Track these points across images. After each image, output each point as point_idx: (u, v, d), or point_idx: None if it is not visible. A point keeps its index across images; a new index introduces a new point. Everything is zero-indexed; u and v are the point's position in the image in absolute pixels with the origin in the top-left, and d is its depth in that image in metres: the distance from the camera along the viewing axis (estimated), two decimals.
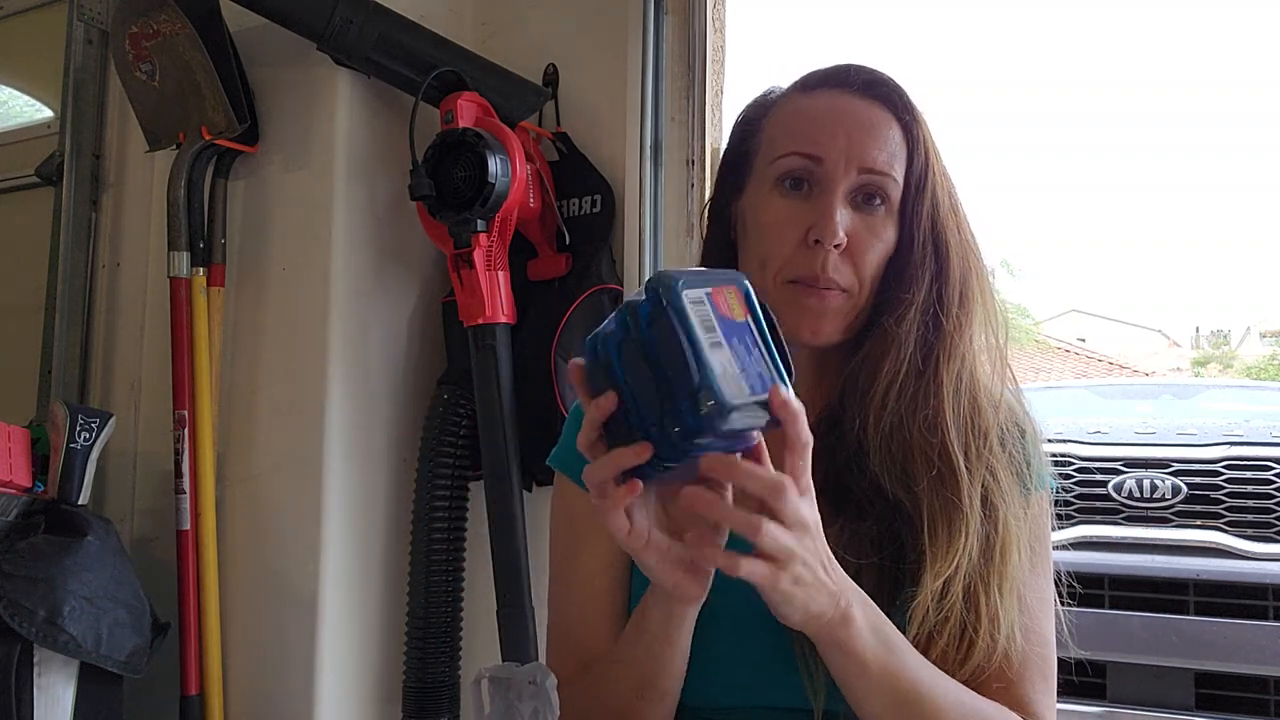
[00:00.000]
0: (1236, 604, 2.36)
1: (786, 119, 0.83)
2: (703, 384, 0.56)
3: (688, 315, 0.58)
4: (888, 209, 0.80)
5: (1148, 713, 2.37)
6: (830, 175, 0.79)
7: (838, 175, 0.79)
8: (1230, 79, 79.28)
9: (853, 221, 0.79)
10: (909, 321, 0.78)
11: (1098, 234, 50.65)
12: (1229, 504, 2.47)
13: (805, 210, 0.79)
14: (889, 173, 0.79)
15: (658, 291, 0.59)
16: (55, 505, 1.41)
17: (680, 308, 0.58)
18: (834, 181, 0.79)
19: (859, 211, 0.80)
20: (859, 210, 0.80)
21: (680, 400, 0.57)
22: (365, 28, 1.43)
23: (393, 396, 1.60)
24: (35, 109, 2.26)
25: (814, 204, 0.79)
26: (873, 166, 0.79)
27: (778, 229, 0.80)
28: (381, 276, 1.59)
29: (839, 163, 0.79)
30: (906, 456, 0.76)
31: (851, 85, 0.82)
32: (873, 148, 0.79)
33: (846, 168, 0.79)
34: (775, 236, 0.80)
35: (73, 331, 1.79)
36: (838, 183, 0.79)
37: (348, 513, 1.52)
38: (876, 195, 0.80)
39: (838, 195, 0.78)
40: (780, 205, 0.80)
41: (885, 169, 0.79)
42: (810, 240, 0.78)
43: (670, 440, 0.58)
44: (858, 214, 0.79)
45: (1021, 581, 0.76)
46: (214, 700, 1.50)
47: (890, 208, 0.80)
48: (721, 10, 1.64)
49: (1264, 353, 16.55)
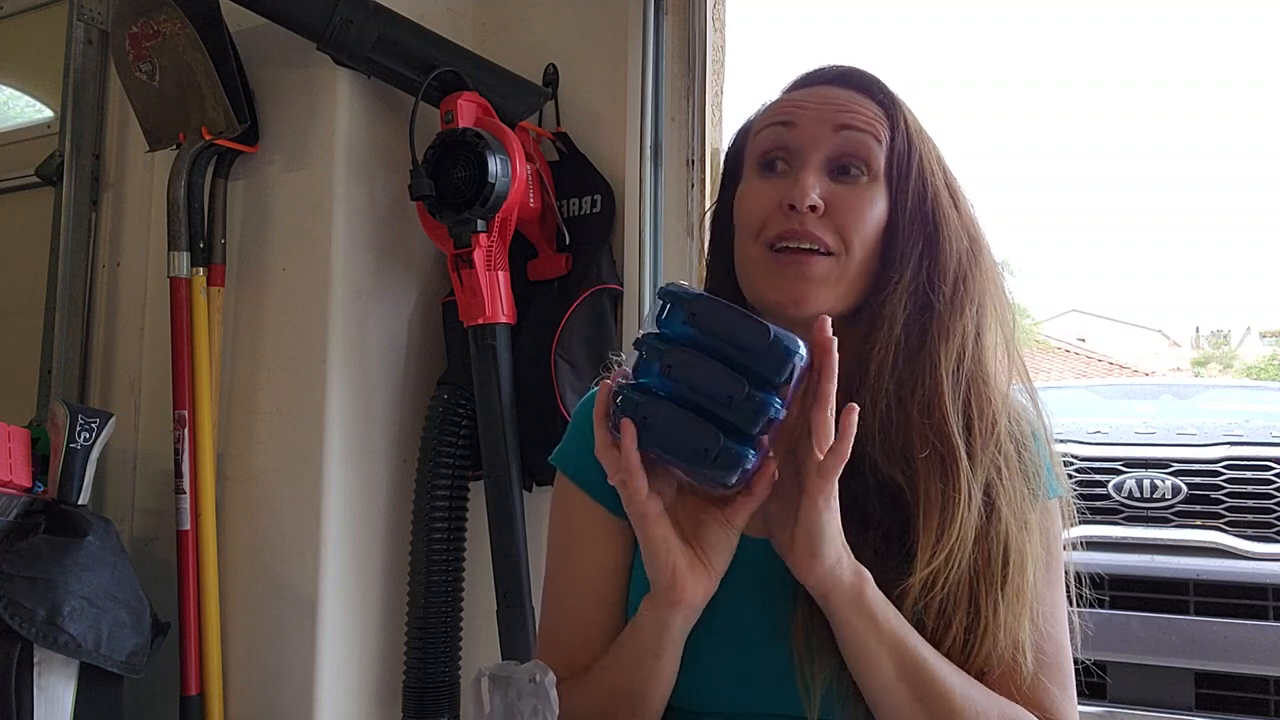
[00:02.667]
0: (1236, 604, 2.36)
1: (767, 111, 0.84)
2: (773, 330, 0.62)
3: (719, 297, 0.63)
4: (871, 178, 0.79)
5: (1148, 713, 2.37)
6: (804, 142, 0.79)
7: (811, 140, 0.79)
8: (1230, 75, 79.22)
9: (832, 189, 0.78)
10: (895, 300, 0.77)
11: (1098, 234, 50.63)
12: (1229, 504, 2.47)
13: (783, 184, 0.79)
14: (868, 129, 0.79)
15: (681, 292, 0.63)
16: (55, 505, 1.41)
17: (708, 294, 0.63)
18: (808, 148, 0.78)
19: (838, 182, 0.79)
20: (838, 180, 0.79)
21: (761, 357, 0.61)
22: (365, 28, 1.43)
23: (393, 396, 1.60)
24: (35, 109, 2.26)
25: (790, 178, 0.79)
26: (849, 124, 0.78)
27: (755, 201, 0.80)
28: (381, 276, 1.59)
29: (812, 125, 0.79)
30: (905, 439, 0.75)
31: (826, 78, 0.83)
32: (846, 112, 0.79)
33: (820, 128, 0.78)
34: (753, 207, 0.80)
35: (73, 331, 1.79)
36: (812, 149, 0.78)
37: (348, 513, 1.52)
38: (856, 164, 0.79)
39: (812, 163, 0.78)
40: (759, 184, 0.81)
41: (864, 127, 0.79)
42: (785, 206, 0.77)
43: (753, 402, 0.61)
44: (838, 184, 0.79)
45: (1034, 596, 0.75)
46: (214, 700, 1.50)
47: (874, 177, 0.79)
48: (721, 10, 1.64)
49: (1264, 353, 16.56)
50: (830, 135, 0.78)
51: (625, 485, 0.65)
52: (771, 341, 0.61)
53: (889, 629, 0.69)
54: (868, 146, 0.79)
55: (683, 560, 0.67)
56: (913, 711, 0.69)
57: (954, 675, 0.71)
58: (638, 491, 0.65)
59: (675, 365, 0.62)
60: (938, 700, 0.69)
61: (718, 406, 0.62)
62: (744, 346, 0.61)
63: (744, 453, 0.62)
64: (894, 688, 0.69)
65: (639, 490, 0.65)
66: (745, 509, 0.67)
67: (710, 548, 0.68)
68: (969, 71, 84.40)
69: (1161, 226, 51.93)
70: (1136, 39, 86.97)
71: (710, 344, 0.62)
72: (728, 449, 0.61)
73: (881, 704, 0.70)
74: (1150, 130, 65.53)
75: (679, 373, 0.62)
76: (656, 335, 0.64)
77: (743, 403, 0.61)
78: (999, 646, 0.72)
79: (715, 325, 0.62)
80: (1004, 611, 0.73)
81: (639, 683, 0.72)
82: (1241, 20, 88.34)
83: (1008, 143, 61.58)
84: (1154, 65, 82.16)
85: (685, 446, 0.62)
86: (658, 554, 0.67)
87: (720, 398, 0.61)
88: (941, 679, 0.70)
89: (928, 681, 0.69)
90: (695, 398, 0.62)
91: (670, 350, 0.63)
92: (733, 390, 0.61)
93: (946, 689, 0.70)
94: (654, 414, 0.62)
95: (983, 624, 0.72)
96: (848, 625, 0.69)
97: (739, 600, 0.76)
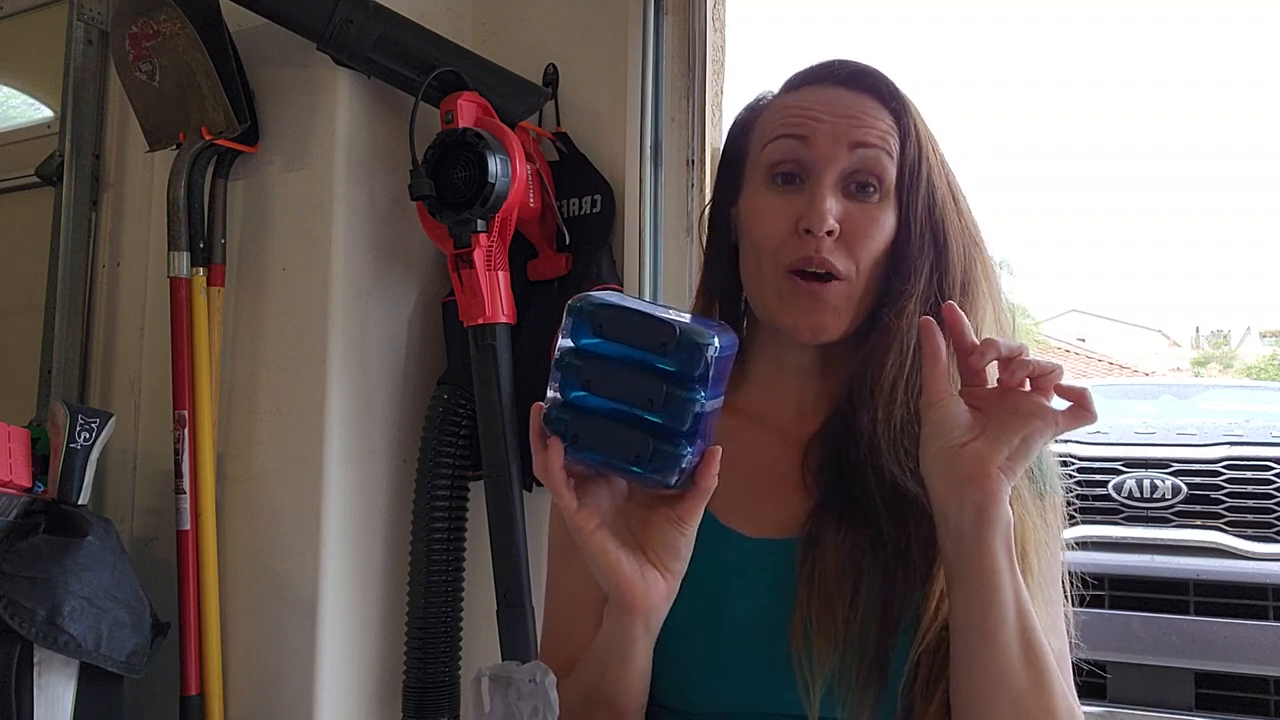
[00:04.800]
0: (1236, 604, 2.36)
1: (774, 114, 0.82)
2: (679, 326, 0.61)
3: (624, 299, 0.64)
4: (883, 195, 0.78)
5: (1148, 713, 2.37)
6: (819, 159, 0.78)
7: (827, 158, 0.77)
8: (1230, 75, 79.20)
9: (846, 209, 0.77)
10: (910, 313, 0.76)
11: (1098, 234, 50.63)
12: (1229, 504, 2.47)
13: (796, 202, 0.78)
14: (882, 146, 0.78)
15: (584, 305, 0.64)
16: (55, 505, 1.41)
17: (610, 299, 0.63)
18: (823, 167, 0.77)
19: (853, 200, 0.78)
20: (853, 199, 0.78)
21: (666, 354, 0.61)
22: (365, 28, 1.43)
23: (393, 396, 1.60)
24: (35, 109, 2.26)
25: (804, 194, 0.78)
26: (864, 140, 0.77)
27: (769, 219, 0.79)
28: (381, 276, 1.59)
29: (827, 144, 0.77)
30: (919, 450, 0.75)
31: (836, 78, 0.81)
32: (861, 127, 0.78)
33: (835, 146, 0.77)
34: (767, 227, 0.79)
35: (73, 331, 1.79)
36: (827, 167, 0.77)
37: (348, 513, 1.52)
38: (870, 182, 0.78)
39: (828, 182, 0.77)
40: (771, 198, 0.79)
41: (878, 143, 0.78)
42: (801, 230, 0.76)
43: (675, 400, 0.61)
44: (852, 203, 0.78)
45: (1038, 587, 0.75)
46: (214, 700, 1.50)
47: (885, 194, 0.78)
48: (721, 10, 1.64)
49: (1264, 353, 16.56)
50: (845, 153, 0.78)
51: (557, 501, 0.65)
52: (679, 338, 0.61)
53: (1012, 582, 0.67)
54: (881, 164, 0.78)
55: (630, 568, 0.66)
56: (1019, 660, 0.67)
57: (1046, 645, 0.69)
58: (567, 508, 0.64)
59: (593, 379, 0.62)
60: (1039, 660, 0.67)
61: (642, 411, 0.62)
62: (653, 348, 0.61)
63: (678, 452, 0.62)
64: (1011, 629, 0.67)
65: (568, 507, 0.64)
66: (694, 504, 0.66)
67: (663, 549, 0.67)
68: (969, 71, 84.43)
69: (1161, 226, 51.97)
70: (1136, 39, 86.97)
71: (622, 352, 0.62)
72: (659, 451, 0.61)
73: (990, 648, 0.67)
74: (1150, 130, 65.56)
75: (598, 385, 0.62)
76: (572, 351, 0.64)
77: (664, 403, 0.61)
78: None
79: (622, 333, 0.62)
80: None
81: (610, 686, 0.72)
82: (1241, 20, 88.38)
83: (1008, 143, 61.61)
84: (1154, 65, 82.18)
85: (617, 456, 0.62)
86: (599, 566, 0.66)
87: (641, 402, 0.61)
88: (1041, 638, 0.68)
89: (1032, 631, 0.67)
90: (620, 406, 0.62)
91: (586, 364, 0.63)
92: (651, 393, 0.61)
93: (1044, 650, 0.68)
94: (582, 428, 0.62)
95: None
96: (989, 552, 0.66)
97: (738, 599, 0.76)
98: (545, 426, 0.64)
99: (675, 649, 0.74)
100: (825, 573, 0.73)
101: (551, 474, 0.63)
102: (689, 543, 0.67)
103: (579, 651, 0.78)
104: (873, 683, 0.71)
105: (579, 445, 0.62)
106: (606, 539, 0.65)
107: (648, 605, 0.67)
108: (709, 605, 0.70)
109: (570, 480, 0.64)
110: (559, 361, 0.64)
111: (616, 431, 0.62)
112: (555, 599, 0.85)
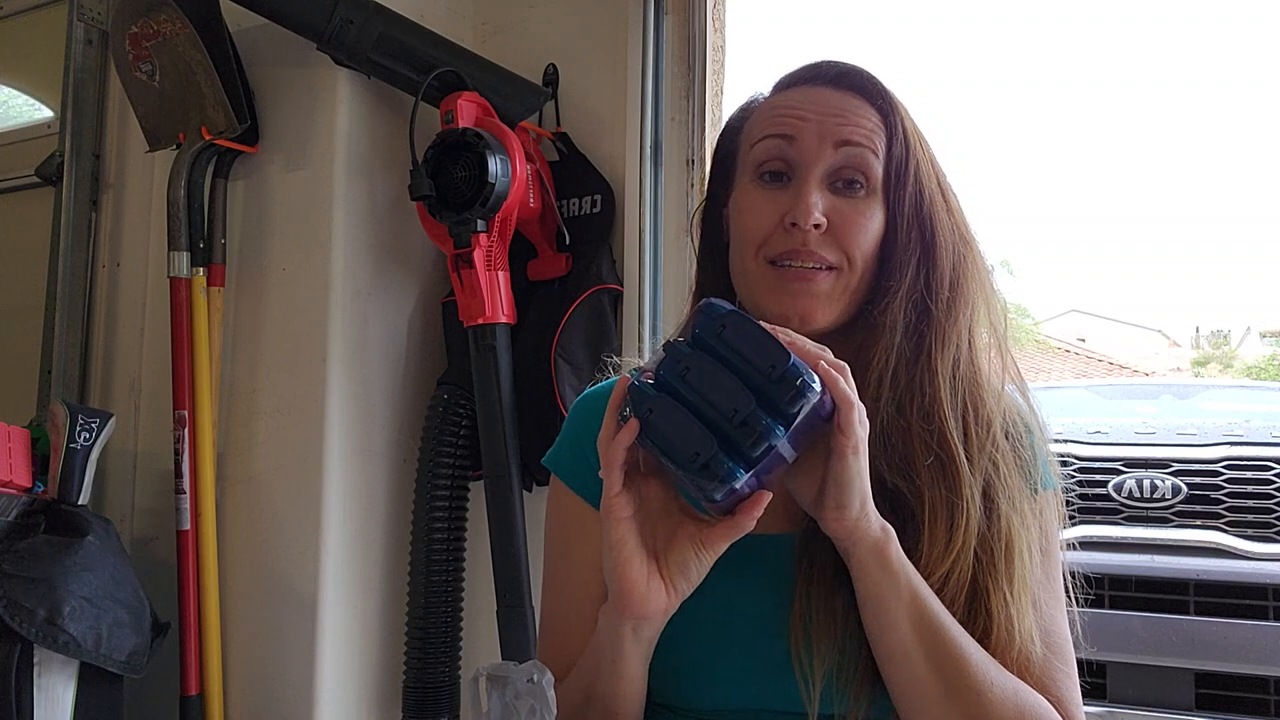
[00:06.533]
0: (1236, 604, 2.36)
1: (762, 115, 0.83)
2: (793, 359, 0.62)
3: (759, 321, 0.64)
4: (869, 192, 0.79)
5: (1148, 713, 2.37)
6: (805, 157, 0.78)
7: (813, 155, 0.78)
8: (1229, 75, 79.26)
9: (834, 204, 0.78)
10: (895, 309, 0.77)
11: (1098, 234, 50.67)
12: (1229, 504, 2.47)
13: (782, 198, 0.78)
14: (867, 144, 0.78)
15: (717, 306, 0.64)
16: (55, 505, 1.41)
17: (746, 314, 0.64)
18: (810, 164, 0.78)
19: (840, 196, 0.79)
20: (839, 195, 0.79)
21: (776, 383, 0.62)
22: (365, 28, 1.43)
23: (392, 396, 1.60)
24: (35, 109, 2.26)
25: (791, 191, 0.78)
26: (849, 139, 0.78)
27: (756, 215, 0.79)
28: (381, 276, 1.59)
29: (813, 142, 0.78)
30: (906, 446, 0.75)
31: (823, 78, 0.82)
32: (847, 125, 0.79)
33: (821, 145, 0.78)
34: (754, 222, 0.79)
35: (73, 331, 1.79)
36: (813, 165, 0.78)
37: (348, 513, 1.52)
38: (856, 179, 0.79)
39: (814, 178, 0.78)
40: (758, 195, 0.80)
41: (863, 141, 0.78)
42: (787, 224, 0.77)
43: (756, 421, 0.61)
44: (839, 198, 0.78)
45: (1035, 584, 0.75)
46: (214, 700, 1.50)
47: (872, 191, 0.79)
48: (721, 10, 1.64)
49: (1264, 353, 16.55)
50: (831, 151, 0.78)
51: (605, 477, 0.65)
52: (789, 368, 0.61)
53: (909, 587, 0.69)
54: (867, 161, 0.79)
55: (639, 570, 0.66)
56: (925, 674, 0.69)
57: (971, 646, 0.70)
58: (611, 487, 0.65)
59: (692, 369, 0.62)
60: (953, 666, 0.69)
61: (722, 420, 0.61)
62: (761, 368, 0.61)
63: (735, 470, 0.61)
64: (909, 647, 0.69)
65: (612, 485, 0.65)
66: (724, 535, 0.65)
67: (676, 566, 0.67)
68: (969, 71, 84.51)
69: (1161, 227, 51.98)
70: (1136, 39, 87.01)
71: (732, 359, 0.62)
72: (719, 461, 0.61)
73: (894, 664, 0.70)
74: (1150, 130, 65.56)
75: (694, 378, 0.62)
76: (686, 341, 0.64)
77: (746, 420, 0.61)
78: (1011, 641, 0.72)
79: (741, 342, 0.62)
80: (1011, 604, 0.73)
81: (604, 687, 0.72)
82: (1242, 20, 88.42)
83: (1008, 143, 61.63)
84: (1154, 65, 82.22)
85: (679, 448, 0.61)
86: (612, 556, 0.66)
87: (725, 410, 0.61)
88: (958, 646, 0.69)
89: (944, 645, 0.69)
90: (704, 406, 0.62)
91: (692, 356, 0.63)
92: (739, 404, 0.61)
93: (962, 656, 0.69)
94: (659, 410, 0.62)
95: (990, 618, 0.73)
96: (869, 579, 0.69)
97: (737, 595, 0.76)
98: (628, 396, 0.64)
99: (673, 646, 0.74)
100: (823, 567, 0.73)
101: (615, 448, 0.64)
102: (703, 569, 0.67)
103: (575, 644, 0.78)
104: (871, 678, 0.71)
105: (649, 424, 0.62)
106: (630, 532, 0.66)
107: (643, 611, 0.67)
108: (707, 601, 0.70)
109: (625, 463, 0.64)
110: (668, 345, 0.64)
111: (689, 426, 0.62)
112: (556, 591, 0.85)
